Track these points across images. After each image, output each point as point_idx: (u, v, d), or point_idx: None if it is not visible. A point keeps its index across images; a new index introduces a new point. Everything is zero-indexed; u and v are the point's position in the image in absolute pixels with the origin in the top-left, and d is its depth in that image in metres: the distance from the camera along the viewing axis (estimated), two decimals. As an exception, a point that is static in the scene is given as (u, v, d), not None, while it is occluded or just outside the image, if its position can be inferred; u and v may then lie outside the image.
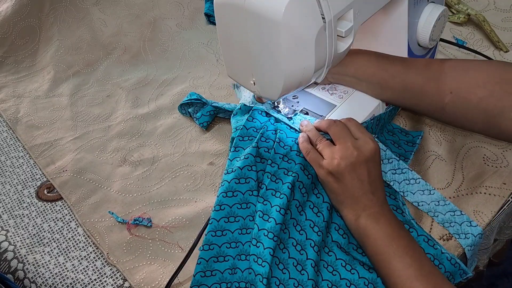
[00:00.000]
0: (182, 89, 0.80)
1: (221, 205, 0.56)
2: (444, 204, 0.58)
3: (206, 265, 0.53)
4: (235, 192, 0.57)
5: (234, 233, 0.55)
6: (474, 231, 0.56)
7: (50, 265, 0.59)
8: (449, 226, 0.57)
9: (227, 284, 0.53)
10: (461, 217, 0.57)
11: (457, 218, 0.57)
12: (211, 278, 0.53)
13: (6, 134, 0.77)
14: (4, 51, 0.90)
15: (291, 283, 0.52)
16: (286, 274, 0.53)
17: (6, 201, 0.67)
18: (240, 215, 0.56)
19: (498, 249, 0.78)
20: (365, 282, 0.52)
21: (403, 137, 0.65)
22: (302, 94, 0.67)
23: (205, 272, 0.53)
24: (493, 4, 0.87)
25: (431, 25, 0.63)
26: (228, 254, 0.54)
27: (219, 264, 0.53)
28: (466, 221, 0.57)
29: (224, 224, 0.55)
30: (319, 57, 0.52)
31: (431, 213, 0.58)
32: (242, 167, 0.58)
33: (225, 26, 0.54)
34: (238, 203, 0.57)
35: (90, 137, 0.74)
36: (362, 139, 0.55)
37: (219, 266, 0.53)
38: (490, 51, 0.79)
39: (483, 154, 0.64)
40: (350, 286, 0.52)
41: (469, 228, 0.57)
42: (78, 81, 0.85)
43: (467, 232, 0.56)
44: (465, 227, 0.57)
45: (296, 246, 0.54)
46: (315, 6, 0.49)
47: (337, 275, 0.53)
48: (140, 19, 0.93)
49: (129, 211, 0.63)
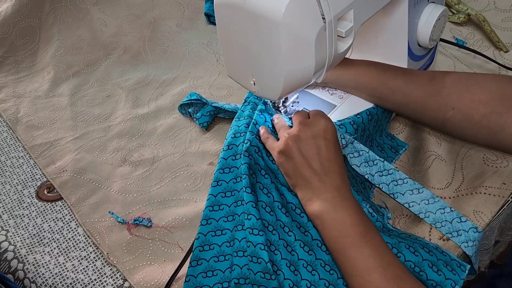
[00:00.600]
0: (182, 89, 0.80)
1: (218, 181, 0.58)
2: (434, 201, 0.58)
3: (204, 239, 0.54)
4: (231, 168, 0.58)
5: (230, 207, 0.57)
6: (465, 227, 0.56)
7: (50, 265, 0.59)
8: (440, 226, 0.57)
9: (225, 257, 0.54)
10: (451, 214, 0.57)
11: (447, 216, 0.57)
12: (210, 252, 0.54)
13: (6, 134, 0.77)
14: (4, 51, 0.90)
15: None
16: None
17: (6, 201, 0.67)
18: (235, 188, 0.58)
19: (501, 251, 0.77)
20: (325, 283, 0.52)
21: (388, 142, 0.65)
22: (302, 94, 0.67)
23: (203, 246, 0.54)
24: (493, 4, 0.87)
25: (431, 25, 0.63)
26: (226, 228, 0.55)
27: (217, 238, 0.55)
28: (456, 217, 0.57)
29: (221, 199, 0.57)
30: (319, 58, 0.52)
31: (422, 214, 0.58)
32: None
33: (225, 26, 0.54)
34: (234, 178, 0.58)
35: (90, 137, 0.74)
36: (314, 118, 0.55)
37: (217, 239, 0.55)
38: (490, 51, 0.79)
39: (483, 154, 0.64)
40: (310, 287, 0.52)
41: (459, 225, 0.57)
42: (78, 81, 0.85)
43: (458, 229, 0.56)
44: (455, 224, 0.57)
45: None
46: (315, 6, 0.49)
47: (298, 275, 0.52)
48: (140, 19, 0.93)
49: (129, 211, 0.63)
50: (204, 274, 0.53)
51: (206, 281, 0.53)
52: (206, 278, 0.53)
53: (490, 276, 0.76)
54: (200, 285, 0.53)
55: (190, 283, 0.53)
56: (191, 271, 0.53)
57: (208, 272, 0.53)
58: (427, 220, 0.57)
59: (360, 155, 0.59)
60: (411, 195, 0.59)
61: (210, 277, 0.53)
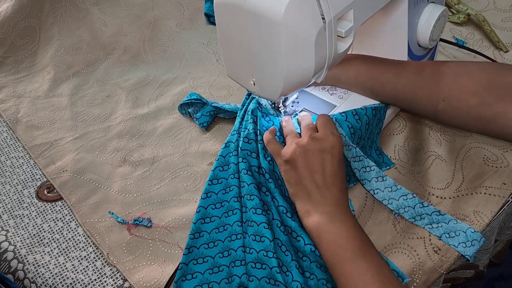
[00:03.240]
0: (182, 89, 0.80)
1: (207, 192, 0.58)
2: (396, 189, 0.60)
3: (198, 252, 0.55)
4: (220, 179, 0.60)
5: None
6: (427, 211, 0.58)
7: (50, 265, 0.59)
8: (404, 212, 0.58)
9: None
10: (413, 200, 0.59)
11: (410, 202, 0.59)
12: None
13: (6, 134, 0.77)
14: (4, 51, 0.90)
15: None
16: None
17: (6, 201, 0.67)
18: (225, 199, 0.58)
19: (498, 250, 0.78)
20: (323, 282, 0.52)
21: (375, 156, 0.65)
22: (302, 94, 0.67)
23: (197, 259, 0.54)
24: (493, 4, 0.87)
25: (431, 25, 0.63)
26: (218, 239, 0.55)
27: (209, 250, 0.55)
28: (418, 203, 0.58)
29: (211, 210, 0.57)
30: (319, 58, 0.52)
31: (385, 200, 0.59)
32: (225, 155, 0.60)
33: (225, 26, 0.54)
34: (223, 189, 0.59)
35: (90, 137, 0.74)
36: (323, 132, 0.55)
37: (209, 251, 0.55)
38: (490, 51, 0.79)
39: (483, 154, 0.64)
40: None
41: (422, 209, 0.58)
42: (78, 81, 0.85)
43: (421, 213, 0.58)
44: (418, 209, 0.58)
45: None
46: (315, 7, 0.49)
47: (289, 276, 0.52)
48: (140, 19, 0.93)
49: (129, 211, 0.63)
50: (200, 287, 0.53)
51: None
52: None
53: (489, 278, 0.76)
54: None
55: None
56: (186, 285, 0.53)
57: (204, 285, 0.53)
58: (390, 207, 0.59)
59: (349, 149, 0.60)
60: (376, 182, 0.60)
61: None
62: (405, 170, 0.64)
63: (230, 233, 0.56)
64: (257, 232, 0.54)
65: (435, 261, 0.55)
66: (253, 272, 0.53)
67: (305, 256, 0.53)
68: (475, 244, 0.55)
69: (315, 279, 0.52)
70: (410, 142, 0.67)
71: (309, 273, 0.53)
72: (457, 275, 0.66)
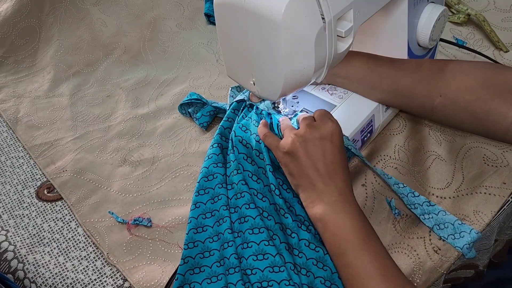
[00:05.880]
0: (182, 89, 0.80)
1: (196, 203, 0.59)
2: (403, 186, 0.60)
3: (194, 262, 0.54)
4: (206, 189, 0.60)
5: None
6: (419, 201, 0.58)
7: (50, 265, 0.59)
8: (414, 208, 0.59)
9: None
10: (405, 188, 0.59)
11: (402, 189, 0.60)
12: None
13: (6, 134, 0.77)
14: (4, 51, 0.90)
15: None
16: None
17: (6, 201, 0.67)
18: (214, 208, 0.59)
19: (498, 249, 0.77)
20: (321, 280, 0.52)
21: None
22: (302, 94, 0.67)
23: (193, 269, 0.54)
24: (493, 4, 0.87)
25: (431, 25, 0.63)
26: (213, 248, 0.55)
27: (205, 259, 0.55)
28: (410, 192, 0.59)
29: (202, 220, 0.57)
30: (319, 57, 0.52)
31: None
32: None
33: (225, 26, 0.54)
34: (211, 199, 0.59)
35: (90, 137, 0.74)
36: (320, 120, 0.55)
37: (206, 261, 0.55)
38: (490, 51, 0.79)
39: (483, 154, 0.64)
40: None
41: (414, 199, 0.59)
42: (78, 81, 0.85)
43: (414, 202, 0.59)
44: (411, 197, 0.59)
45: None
46: (315, 6, 0.49)
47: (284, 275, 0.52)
48: (140, 19, 0.93)
49: (129, 211, 0.63)
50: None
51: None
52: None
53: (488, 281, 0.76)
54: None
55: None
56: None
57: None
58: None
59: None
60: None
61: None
62: (405, 170, 0.64)
63: (223, 241, 0.55)
64: (254, 225, 0.54)
65: (435, 261, 0.55)
66: (256, 265, 0.52)
67: (301, 252, 0.54)
68: (464, 236, 0.55)
69: (312, 276, 0.52)
70: (410, 142, 0.67)
71: (306, 270, 0.53)
72: (457, 275, 0.66)
